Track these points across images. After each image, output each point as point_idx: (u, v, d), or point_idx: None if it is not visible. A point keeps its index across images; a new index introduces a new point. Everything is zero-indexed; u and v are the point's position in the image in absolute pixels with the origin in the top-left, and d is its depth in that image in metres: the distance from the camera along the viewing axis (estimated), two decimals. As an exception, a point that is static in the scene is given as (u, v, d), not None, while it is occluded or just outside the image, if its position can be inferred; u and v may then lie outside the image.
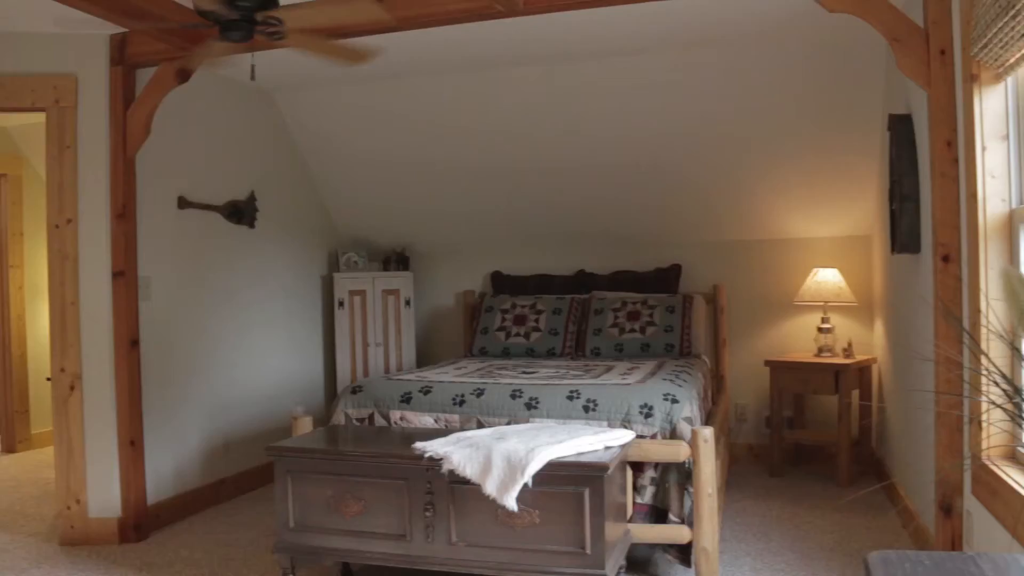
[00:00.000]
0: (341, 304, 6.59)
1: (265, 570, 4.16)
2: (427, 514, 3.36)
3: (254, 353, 5.90)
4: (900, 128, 4.11)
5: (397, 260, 6.81)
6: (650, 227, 6.33)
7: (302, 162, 6.58)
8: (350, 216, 6.97)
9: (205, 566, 4.26)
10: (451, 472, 3.27)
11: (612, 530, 3.30)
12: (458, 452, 3.29)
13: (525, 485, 3.15)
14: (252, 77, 3.50)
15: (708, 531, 3.61)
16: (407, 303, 6.60)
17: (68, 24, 4.40)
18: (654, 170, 5.90)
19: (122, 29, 4.50)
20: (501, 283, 6.67)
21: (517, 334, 6.00)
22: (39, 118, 6.42)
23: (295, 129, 6.35)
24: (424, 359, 6.93)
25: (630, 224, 6.34)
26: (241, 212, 5.70)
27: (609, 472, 3.19)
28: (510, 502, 3.15)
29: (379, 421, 4.21)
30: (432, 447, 3.36)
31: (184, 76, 4.61)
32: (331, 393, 6.82)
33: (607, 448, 3.40)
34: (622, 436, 3.54)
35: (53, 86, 4.63)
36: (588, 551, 3.18)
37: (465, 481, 3.26)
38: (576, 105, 5.62)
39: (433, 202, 6.63)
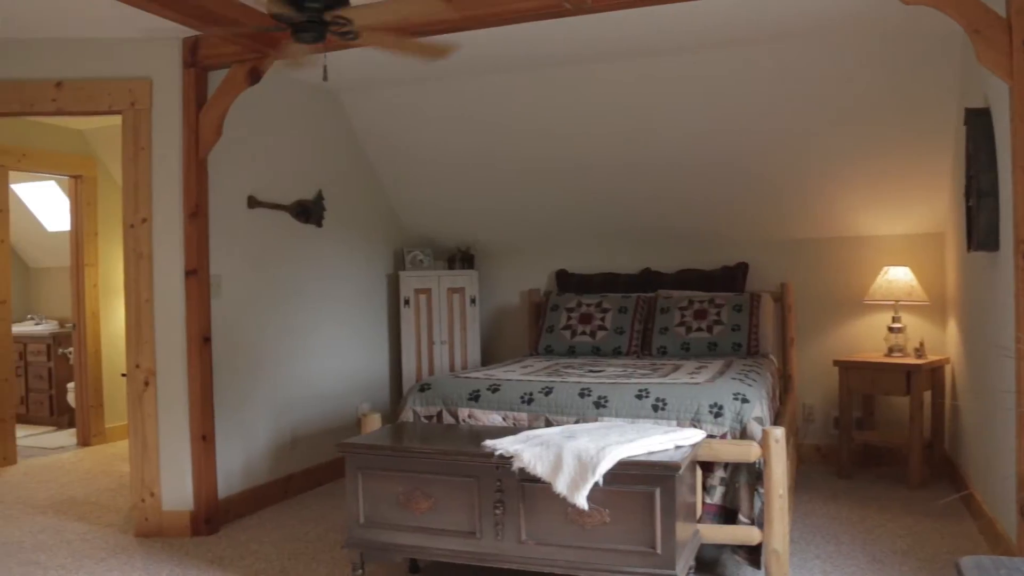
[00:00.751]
0: (407, 302, 6.64)
1: (334, 565, 4.21)
2: (497, 512, 3.37)
3: (321, 350, 5.97)
4: (978, 122, 4.01)
5: (462, 258, 6.84)
6: (716, 225, 6.27)
7: (368, 162, 6.64)
8: (415, 215, 7.02)
9: (275, 560, 4.32)
10: (521, 470, 3.27)
11: (682, 530, 3.28)
12: (528, 450, 3.29)
13: (596, 484, 3.15)
14: (324, 78, 3.54)
15: (779, 533, 3.57)
16: (472, 301, 6.62)
17: (145, 29, 4.50)
18: (720, 167, 5.84)
19: (195, 32, 4.58)
20: (566, 281, 6.66)
21: (583, 332, 5.99)
22: (113, 121, 6.64)
23: (361, 129, 6.41)
24: (489, 357, 6.95)
25: (696, 222, 6.29)
26: (309, 211, 5.77)
27: (680, 472, 3.17)
28: (581, 501, 3.14)
29: (447, 419, 4.23)
30: (502, 445, 3.37)
31: (255, 77, 4.68)
32: (396, 390, 6.88)
33: (677, 448, 3.38)
34: (693, 436, 3.52)
35: (129, 89, 4.74)
36: (659, 551, 3.17)
37: (535, 479, 3.26)
38: (643, 102, 5.58)
39: (498, 200, 6.64)
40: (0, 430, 6.62)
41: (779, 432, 3.57)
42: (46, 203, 8.72)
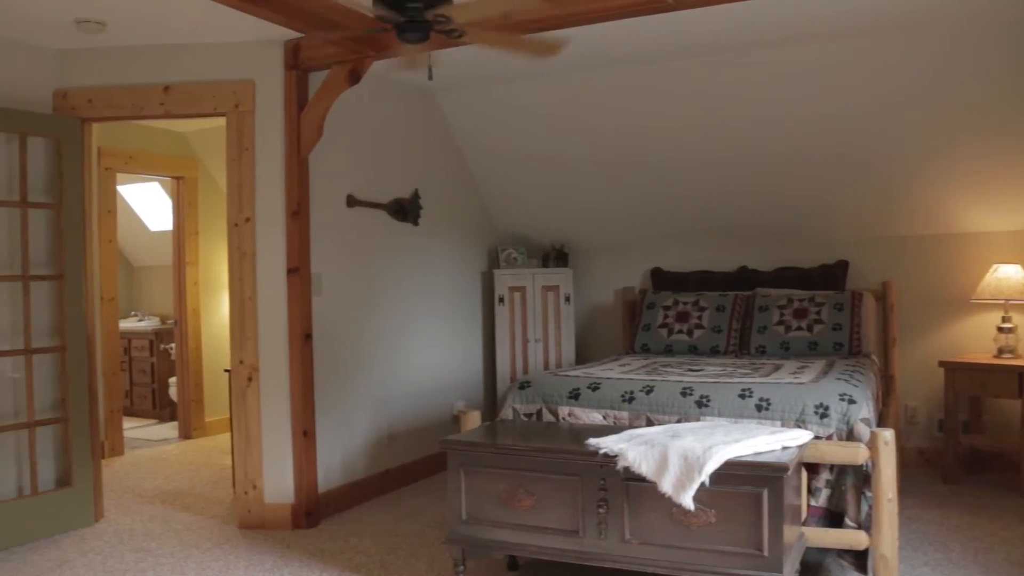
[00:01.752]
0: (501, 300, 6.66)
1: (432, 560, 4.24)
2: (600, 511, 3.35)
3: (417, 348, 6.03)
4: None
5: (556, 257, 6.83)
6: (815, 222, 6.14)
7: (463, 160, 6.68)
8: (509, 213, 7.04)
9: (374, 554, 4.37)
10: (626, 469, 3.25)
11: (789, 533, 3.22)
12: (633, 449, 3.27)
13: (702, 484, 3.11)
14: (430, 77, 3.57)
15: (888, 538, 3.48)
16: (567, 299, 6.61)
17: (248, 33, 4.60)
18: (821, 162, 5.72)
19: (296, 35, 4.67)
20: (661, 279, 6.60)
21: (679, 331, 5.93)
22: (213, 123, 6.82)
23: (456, 128, 6.46)
24: (583, 356, 6.93)
25: (793, 219, 6.17)
26: (406, 210, 5.84)
27: (788, 473, 3.11)
28: (687, 501, 3.11)
29: (547, 417, 4.23)
30: (606, 444, 3.35)
31: (355, 78, 4.75)
32: (490, 388, 6.91)
33: (784, 448, 3.31)
34: (800, 436, 3.45)
35: (233, 91, 4.85)
36: (766, 553, 3.11)
37: (640, 479, 3.24)
38: (738, 96, 5.51)
39: (592, 198, 6.62)
40: (108, 422, 6.85)
41: (888, 434, 3.48)
42: (149, 204, 9.00)
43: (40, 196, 4.83)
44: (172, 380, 8.20)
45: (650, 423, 3.96)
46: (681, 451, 3.19)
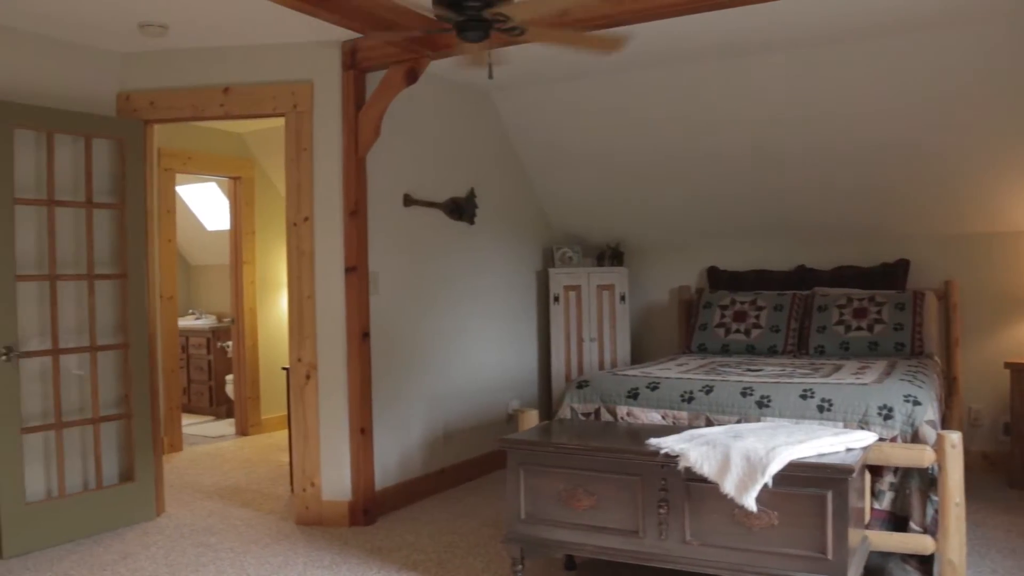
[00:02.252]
0: (556, 299, 6.66)
1: (489, 559, 4.25)
2: (661, 511, 3.33)
3: (472, 346, 6.05)
4: None
5: (611, 255, 6.80)
6: (875, 219, 6.03)
7: (518, 159, 6.68)
8: (564, 212, 7.03)
9: (431, 552, 4.39)
10: (687, 469, 3.22)
11: (853, 536, 3.17)
12: (695, 450, 3.24)
13: (765, 485, 3.07)
14: (490, 76, 3.56)
15: (955, 543, 3.41)
16: (622, 298, 6.58)
17: (306, 33, 4.64)
18: (879, 157, 5.62)
19: (355, 35, 4.70)
20: (717, 278, 6.54)
21: (737, 331, 5.87)
22: (269, 124, 6.90)
23: (511, 127, 6.46)
24: (638, 355, 6.90)
25: (852, 216, 6.07)
26: (461, 209, 5.85)
27: (854, 475, 3.06)
28: (749, 502, 3.07)
29: (604, 416, 4.21)
30: (667, 444, 3.33)
31: (412, 78, 4.77)
32: (545, 387, 6.90)
33: (848, 450, 3.26)
34: (864, 438, 3.39)
35: (291, 92, 4.90)
36: (830, 556, 3.06)
37: (701, 479, 3.21)
38: (796, 91, 5.43)
39: (647, 197, 6.58)
40: (168, 419, 6.95)
41: (955, 437, 3.42)
42: (206, 203, 9.13)
43: (104, 197, 4.93)
44: (229, 377, 8.32)
45: (709, 423, 3.93)
46: (744, 452, 3.16)
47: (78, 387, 4.85)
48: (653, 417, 4.09)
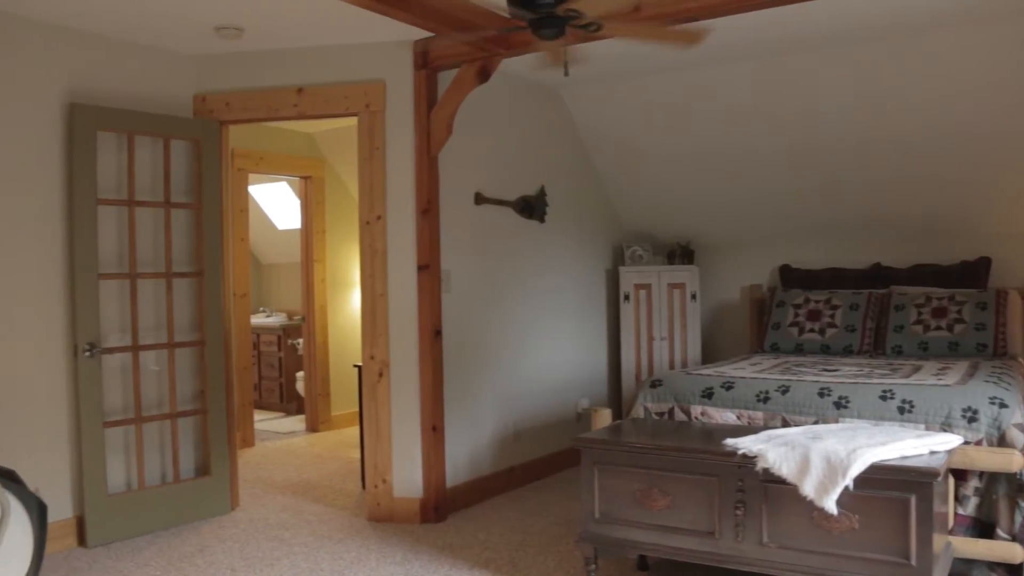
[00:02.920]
0: (626, 298, 6.62)
1: (561, 558, 4.23)
2: (737, 512, 3.28)
3: (542, 345, 6.04)
4: None
5: (682, 254, 6.74)
6: (953, 216, 5.87)
7: (588, 157, 6.66)
8: (634, 210, 6.99)
9: (503, 550, 4.39)
10: (765, 471, 3.17)
11: (937, 541, 3.09)
12: (773, 450, 3.19)
13: (846, 488, 3.01)
14: (566, 73, 3.56)
15: (1046, 551, 3.31)
16: (693, 297, 6.52)
17: (378, 34, 4.68)
18: (958, 151, 5.46)
19: (426, 34, 4.72)
20: (790, 277, 6.44)
21: (811, 330, 5.77)
22: (339, 124, 6.97)
23: (581, 124, 6.44)
24: (709, 354, 6.82)
25: (931, 213, 5.92)
26: (532, 207, 5.85)
27: (939, 479, 2.98)
28: (830, 505, 3.02)
29: (678, 415, 4.17)
30: (745, 444, 3.28)
31: (484, 77, 4.77)
32: (615, 386, 6.87)
33: (932, 453, 3.18)
34: (948, 441, 3.31)
35: (364, 92, 4.94)
36: (913, 562, 2.99)
37: (779, 480, 3.16)
38: (872, 84, 5.31)
39: (718, 194, 6.51)
40: (240, 415, 7.06)
41: (1047, 441, 3.31)
42: (277, 203, 9.27)
43: (181, 197, 5.02)
44: (299, 374, 8.42)
45: (786, 424, 3.86)
46: (824, 453, 3.10)
47: (155, 383, 4.96)
48: (728, 417, 4.04)
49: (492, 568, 4.13)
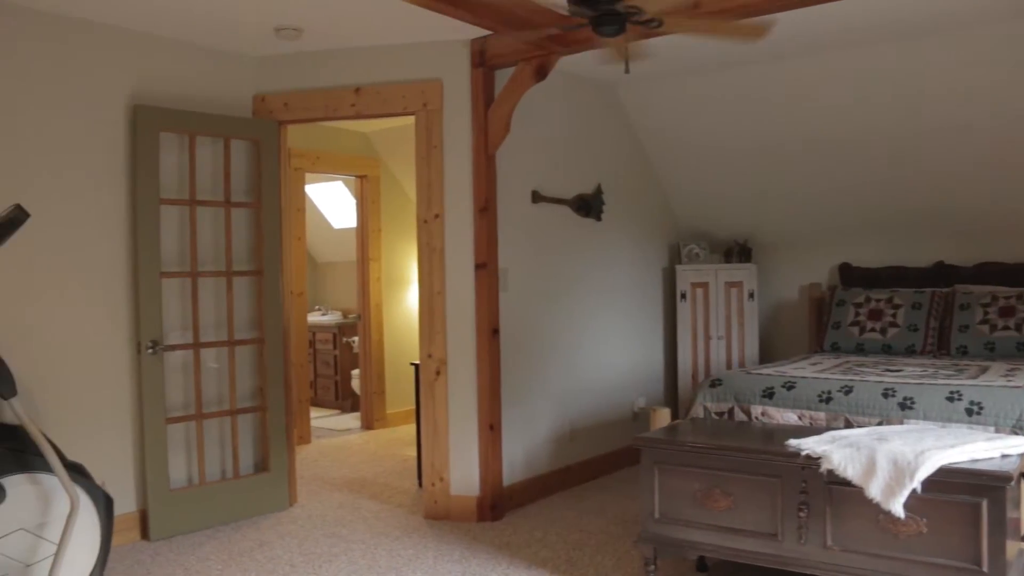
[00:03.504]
0: (683, 296, 6.57)
1: (619, 557, 4.21)
2: (801, 514, 3.24)
3: (598, 343, 6.01)
4: None
5: (739, 252, 6.67)
6: (1020, 213, 5.72)
7: (644, 155, 6.61)
8: (691, 207, 6.93)
9: (560, 549, 4.38)
10: (830, 472, 3.13)
11: (1009, 548, 3.01)
12: (838, 452, 3.14)
13: (913, 491, 2.95)
14: (627, 70, 3.54)
15: (1124, 559, 3.21)
16: (750, 296, 6.45)
17: (435, 32, 4.69)
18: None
19: (483, 32, 4.72)
20: (850, 275, 6.33)
21: (872, 329, 5.67)
22: (394, 123, 7.01)
23: (637, 121, 6.40)
24: (766, 354, 6.74)
25: (996, 209, 5.76)
26: (589, 205, 5.83)
27: (1012, 483, 2.91)
28: (897, 508, 2.96)
29: (738, 415, 4.12)
30: (808, 445, 3.24)
31: (541, 74, 4.76)
32: (671, 385, 6.82)
33: (1004, 456, 3.11)
34: (1020, 444, 3.22)
35: (421, 91, 4.96)
36: (984, 569, 2.92)
37: (844, 482, 3.11)
38: (930, 76, 5.20)
39: (776, 191, 6.42)
40: (297, 412, 7.13)
41: (1124, 445, 3.21)
42: (332, 202, 9.35)
43: (240, 196, 5.08)
44: (355, 372, 8.49)
45: (849, 425, 3.80)
46: (890, 455, 3.04)
47: (215, 380, 5.02)
48: (789, 417, 3.98)
49: (550, 567, 4.12)
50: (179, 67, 4.86)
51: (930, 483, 2.97)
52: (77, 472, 3.51)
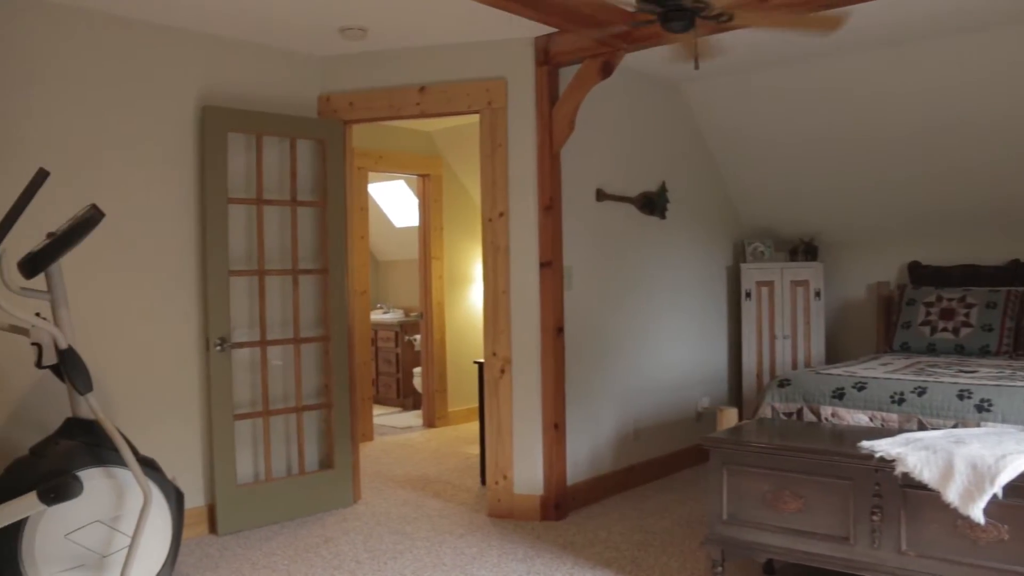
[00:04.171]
0: (748, 295, 6.49)
1: (685, 559, 4.17)
2: (874, 518, 3.17)
3: (662, 343, 5.97)
4: None
5: (805, 250, 6.56)
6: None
7: (708, 152, 6.54)
8: (755, 205, 6.84)
9: (624, 550, 4.35)
10: (905, 475, 3.06)
11: (1093, 554, 2.92)
12: (913, 454, 3.07)
13: (994, 496, 2.87)
14: (696, 67, 3.49)
15: None
16: (816, 295, 6.34)
17: (499, 31, 4.69)
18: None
19: (548, 30, 4.71)
20: (920, 274, 6.19)
21: (944, 329, 5.54)
22: (456, 122, 7.03)
23: (702, 118, 6.33)
24: (833, 353, 6.61)
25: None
26: (653, 203, 5.79)
27: (1097, 488, 2.82)
28: (976, 513, 2.89)
29: (807, 416, 4.05)
30: (882, 447, 3.17)
31: (607, 72, 4.73)
32: (735, 385, 6.74)
33: (1088, 461, 3.01)
34: (1105, 448, 3.12)
35: (486, 89, 4.96)
36: (1068, 576, 2.84)
37: (920, 486, 3.04)
38: (1003, 63, 5.05)
39: (842, 187, 6.30)
40: (360, 409, 7.19)
41: None
42: (394, 201, 9.41)
43: (306, 195, 5.13)
44: (416, 370, 8.53)
45: (922, 427, 3.70)
46: (969, 459, 2.96)
47: (280, 377, 5.08)
48: (860, 419, 3.89)
49: (615, 567, 4.09)
50: (246, 68, 4.93)
51: (1011, 489, 2.89)
52: (149, 467, 3.57)
